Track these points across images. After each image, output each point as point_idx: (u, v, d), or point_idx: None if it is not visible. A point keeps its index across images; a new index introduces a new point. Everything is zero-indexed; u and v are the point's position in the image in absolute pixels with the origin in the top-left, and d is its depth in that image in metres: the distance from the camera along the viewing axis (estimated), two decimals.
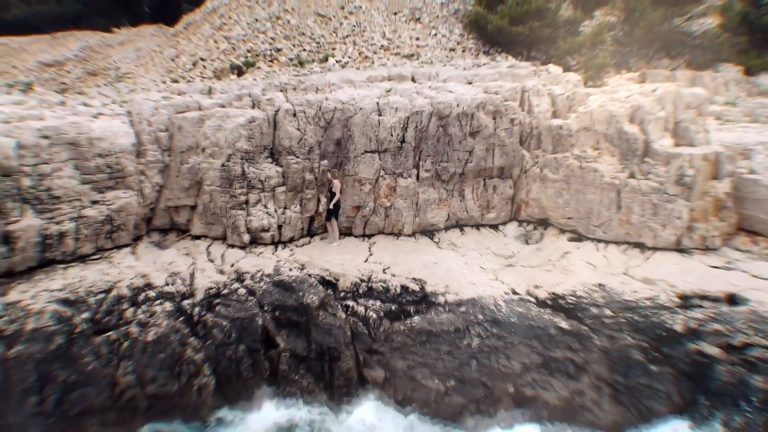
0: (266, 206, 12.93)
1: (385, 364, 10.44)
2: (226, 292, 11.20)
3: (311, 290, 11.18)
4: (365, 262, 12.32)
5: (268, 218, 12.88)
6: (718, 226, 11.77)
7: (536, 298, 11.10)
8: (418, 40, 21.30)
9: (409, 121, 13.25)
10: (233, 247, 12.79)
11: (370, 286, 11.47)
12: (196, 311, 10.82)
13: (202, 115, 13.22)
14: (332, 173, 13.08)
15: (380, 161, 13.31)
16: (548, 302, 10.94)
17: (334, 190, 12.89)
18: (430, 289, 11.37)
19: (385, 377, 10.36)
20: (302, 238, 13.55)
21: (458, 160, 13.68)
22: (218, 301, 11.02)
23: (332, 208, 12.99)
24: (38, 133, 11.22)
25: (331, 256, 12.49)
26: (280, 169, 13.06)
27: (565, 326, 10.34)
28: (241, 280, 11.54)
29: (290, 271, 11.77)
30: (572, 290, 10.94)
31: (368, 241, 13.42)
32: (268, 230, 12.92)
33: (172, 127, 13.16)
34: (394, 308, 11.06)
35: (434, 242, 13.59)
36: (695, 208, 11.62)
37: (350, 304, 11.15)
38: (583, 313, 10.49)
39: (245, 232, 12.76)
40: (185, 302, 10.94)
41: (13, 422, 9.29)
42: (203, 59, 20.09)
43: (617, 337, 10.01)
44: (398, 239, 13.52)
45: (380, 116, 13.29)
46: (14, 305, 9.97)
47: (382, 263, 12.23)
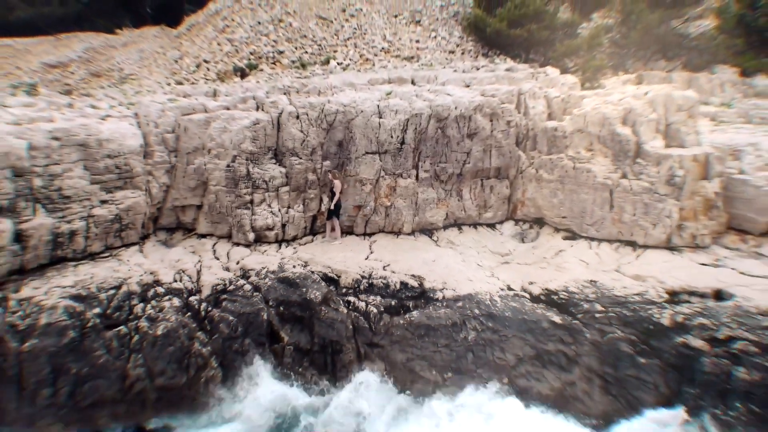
0: (270, 206, 13.13)
1: (385, 356, 10.69)
2: (232, 288, 11.39)
3: (314, 286, 11.41)
4: (366, 259, 12.53)
5: (272, 217, 13.09)
6: (707, 224, 11.95)
7: (530, 293, 11.28)
8: (418, 42, 21.32)
9: (408, 123, 13.39)
10: (238, 245, 12.96)
11: (370, 282, 11.67)
12: (203, 307, 11.03)
13: (207, 117, 13.34)
14: (333, 174, 13.24)
15: (381, 162, 13.47)
16: (542, 298, 11.13)
17: (335, 190, 13.04)
18: (428, 285, 11.56)
19: (385, 369, 10.61)
20: (305, 236, 13.69)
21: (456, 161, 13.81)
22: (224, 296, 11.23)
23: (333, 208, 13.14)
24: (49, 134, 11.34)
25: (333, 253, 12.65)
26: (283, 169, 13.25)
27: (557, 320, 10.54)
28: (246, 276, 11.73)
29: (294, 268, 11.96)
30: (565, 286, 11.15)
31: (369, 239, 13.60)
32: (272, 229, 13.11)
33: (178, 128, 13.26)
34: (393, 303, 11.28)
35: (433, 240, 13.73)
36: (685, 207, 11.82)
37: (352, 299, 11.37)
38: (575, 308, 10.69)
39: (250, 230, 12.94)
40: (192, 298, 11.13)
41: (27, 413, 9.52)
42: (207, 61, 20.10)
43: (607, 330, 10.20)
44: (398, 237, 13.67)
45: (381, 118, 13.41)
46: (28, 301, 10.14)
47: (382, 260, 12.41)
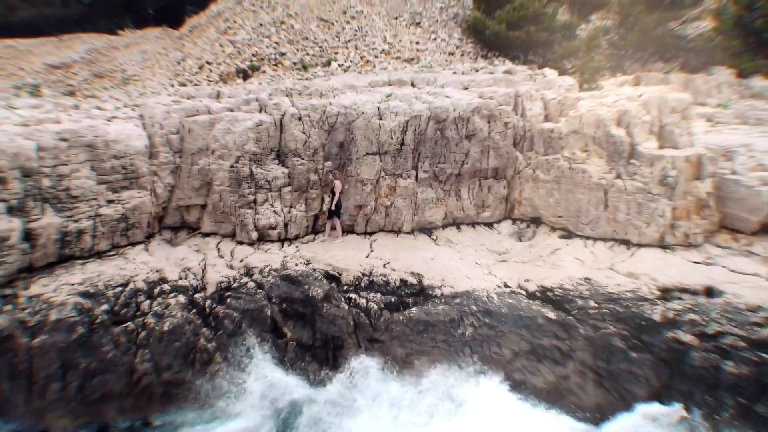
0: (273, 205, 13.30)
1: (385, 351, 10.91)
2: (236, 285, 11.60)
3: (316, 284, 11.63)
4: (367, 257, 12.73)
5: (275, 217, 13.28)
6: (700, 223, 12.15)
7: (526, 290, 11.50)
8: (418, 44, 21.32)
9: (408, 124, 13.54)
10: (242, 243, 13.13)
11: (371, 279, 11.90)
12: (208, 303, 11.24)
13: (211, 118, 13.44)
14: (334, 174, 13.40)
15: (381, 163, 13.64)
16: (537, 294, 11.35)
17: (335, 190, 13.19)
18: (427, 282, 11.79)
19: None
20: (307, 235, 13.85)
21: (455, 161, 13.98)
22: (229, 294, 11.44)
23: (334, 208, 13.29)
24: (57, 136, 11.45)
25: (334, 252, 12.83)
26: (286, 170, 13.40)
27: (552, 316, 10.77)
28: (250, 274, 11.93)
29: (296, 266, 12.16)
30: (560, 283, 11.37)
31: (369, 238, 13.78)
32: (275, 228, 13.30)
33: (183, 130, 13.31)
34: (393, 300, 11.51)
35: (432, 239, 13.91)
36: (678, 207, 12.00)
37: (353, 296, 11.58)
38: (569, 304, 10.92)
39: (253, 229, 13.14)
40: (198, 295, 11.34)
41: (37, 407, 9.72)
42: (209, 63, 20.08)
43: (600, 326, 10.43)
44: (398, 236, 13.85)
45: (381, 120, 13.54)
46: (37, 298, 10.34)
47: (382, 258, 12.63)
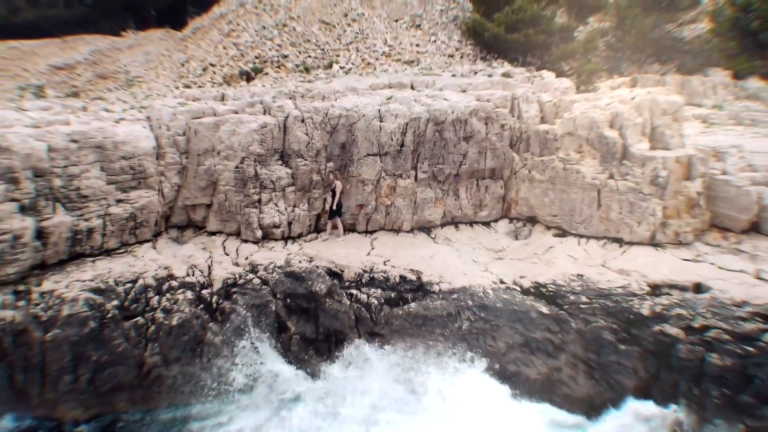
0: (277, 205, 13.55)
1: (385, 344, 11.25)
2: (241, 282, 11.93)
3: (319, 280, 11.95)
4: (368, 255, 12.99)
5: (279, 215, 13.54)
6: (690, 222, 12.43)
7: (521, 286, 11.82)
8: (418, 46, 21.52)
9: (407, 126, 13.77)
10: (247, 242, 13.39)
11: (372, 276, 12.21)
12: (214, 299, 11.59)
13: (217, 120, 13.67)
14: (335, 175, 13.68)
15: (381, 163, 13.88)
16: (531, 290, 11.66)
17: (335, 190, 13.45)
18: (426, 278, 12.11)
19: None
20: (310, 233, 14.10)
21: (453, 162, 14.24)
22: (235, 290, 11.77)
23: (335, 208, 13.56)
24: (67, 137, 11.71)
25: (336, 249, 13.12)
26: (289, 170, 13.65)
27: (545, 311, 11.09)
28: (255, 271, 12.24)
29: (300, 263, 12.47)
30: (553, 280, 11.66)
31: (370, 236, 14.04)
32: (279, 227, 13.56)
33: (189, 131, 13.54)
34: (393, 296, 11.87)
35: (431, 238, 14.15)
36: (668, 206, 12.28)
37: (354, 292, 11.91)
38: (562, 299, 11.23)
39: (258, 228, 13.38)
40: (205, 291, 11.66)
41: (49, 398, 10.08)
42: (213, 65, 20.28)
43: (591, 320, 10.74)
44: (398, 235, 14.08)
45: (381, 122, 13.78)
46: (50, 294, 10.64)
47: (382, 256, 12.90)
